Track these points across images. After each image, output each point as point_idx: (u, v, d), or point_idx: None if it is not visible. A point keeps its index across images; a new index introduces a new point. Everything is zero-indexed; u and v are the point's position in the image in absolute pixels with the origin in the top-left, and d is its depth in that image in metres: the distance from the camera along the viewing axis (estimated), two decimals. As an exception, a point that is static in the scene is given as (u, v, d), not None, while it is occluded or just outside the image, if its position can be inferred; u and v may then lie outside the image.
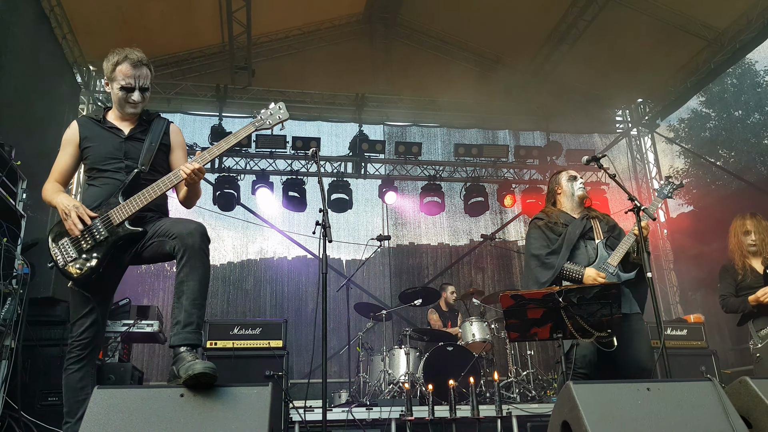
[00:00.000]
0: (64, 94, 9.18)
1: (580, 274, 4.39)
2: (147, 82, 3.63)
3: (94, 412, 2.75)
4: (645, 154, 12.69)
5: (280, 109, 3.72)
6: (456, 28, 11.53)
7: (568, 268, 4.44)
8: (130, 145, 3.64)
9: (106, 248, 3.34)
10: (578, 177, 4.88)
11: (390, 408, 6.24)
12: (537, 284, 4.42)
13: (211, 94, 11.12)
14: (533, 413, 6.30)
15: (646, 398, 3.04)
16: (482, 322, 8.23)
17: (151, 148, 3.65)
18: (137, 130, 3.70)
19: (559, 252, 4.51)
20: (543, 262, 4.52)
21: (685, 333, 7.66)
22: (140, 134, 3.70)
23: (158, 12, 9.50)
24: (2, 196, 4.50)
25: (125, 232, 3.37)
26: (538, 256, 4.57)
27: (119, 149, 3.60)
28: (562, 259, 4.46)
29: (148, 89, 3.66)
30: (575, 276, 4.41)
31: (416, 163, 11.90)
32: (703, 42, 10.33)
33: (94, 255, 3.32)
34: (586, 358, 4.19)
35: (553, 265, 4.46)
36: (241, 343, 6.54)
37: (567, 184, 4.84)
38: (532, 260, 4.60)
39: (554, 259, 4.49)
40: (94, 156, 3.59)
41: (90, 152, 3.60)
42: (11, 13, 7.04)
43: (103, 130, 3.66)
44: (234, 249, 11.48)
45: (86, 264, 3.30)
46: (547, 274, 4.44)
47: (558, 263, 4.45)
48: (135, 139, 3.67)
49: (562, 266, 4.44)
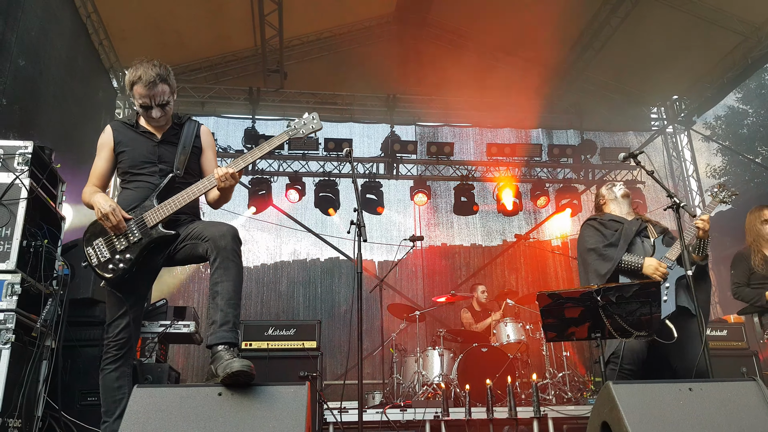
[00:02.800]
0: (101, 98, 9.34)
1: (639, 264, 4.33)
2: (165, 98, 3.62)
3: (133, 411, 2.78)
4: (681, 151, 12.48)
5: (314, 119, 3.80)
6: (487, 27, 11.43)
7: (627, 260, 4.38)
8: (164, 149, 3.70)
9: (139, 250, 3.38)
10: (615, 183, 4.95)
11: (424, 409, 6.22)
12: (597, 276, 4.38)
13: (244, 97, 11.21)
14: (569, 415, 6.22)
15: (689, 399, 2.98)
16: (517, 323, 8.16)
17: (184, 151, 3.70)
18: (170, 133, 3.76)
19: (617, 245, 4.46)
20: (601, 254, 4.48)
21: (725, 333, 7.49)
22: (173, 138, 3.75)
23: (191, 17, 9.61)
24: (43, 199, 4.58)
25: (158, 235, 3.42)
26: (595, 249, 4.53)
27: (153, 153, 3.66)
28: (621, 251, 4.41)
29: (168, 103, 3.65)
30: (635, 266, 4.34)
31: (448, 164, 11.86)
32: (740, 37, 10.12)
33: (128, 256, 3.37)
34: (635, 354, 4.11)
35: (612, 257, 4.41)
36: (275, 343, 6.57)
37: (608, 192, 4.89)
38: (590, 254, 4.56)
39: (612, 251, 4.44)
40: (129, 160, 3.64)
41: (124, 156, 3.65)
42: (50, 21, 7.18)
43: (137, 134, 3.71)
44: (267, 251, 11.55)
45: (119, 264, 3.35)
46: (607, 266, 4.39)
47: (617, 255, 4.40)
48: (168, 142, 3.73)
49: (621, 257, 4.38)
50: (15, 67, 6.17)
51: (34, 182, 4.41)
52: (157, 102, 3.59)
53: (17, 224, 4.20)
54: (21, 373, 4.07)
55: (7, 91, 5.95)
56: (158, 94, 3.58)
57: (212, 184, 3.49)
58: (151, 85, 3.53)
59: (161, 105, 3.61)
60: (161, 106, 3.62)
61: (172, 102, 3.69)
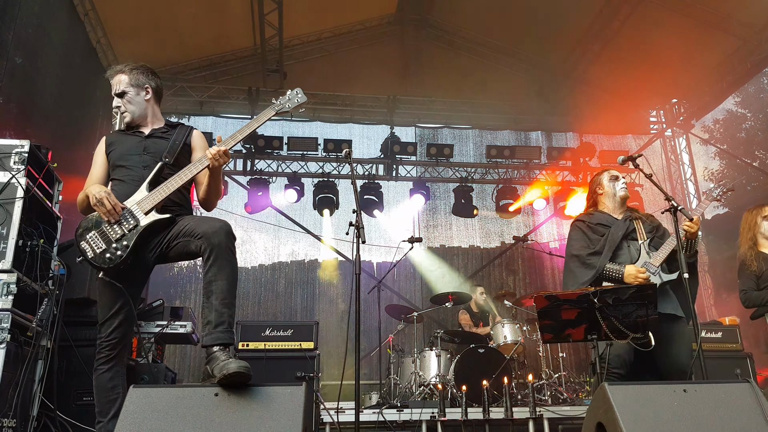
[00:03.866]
0: (98, 97, 9.31)
1: (620, 273, 4.31)
2: (119, 87, 3.76)
3: (129, 411, 2.77)
4: (680, 155, 12.50)
5: (298, 93, 3.78)
6: (487, 29, 11.46)
7: (609, 268, 4.35)
8: (150, 141, 3.72)
9: (135, 237, 3.35)
10: (620, 177, 4.74)
11: (421, 410, 6.21)
12: (577, 284, 4.34)
13: (243, 96, 11.21)
14: (565, 416, 6.23)
15: (683, 400, 2.98)
16: (514, 324, 8.17)
17: (175, 144, 3.72)
18: (159, 131, 3.80)
19: (602, 252, 4.43)
20: (584, 262, 4.44)
21: (720, 335, 7.50)
22: (162, 135, 3.78)
23: (190, 15, 9.60)
24: (39, 198, 4.57)
25: (153, 219, 3.40)
26: (578, 256, 4.49)
27: (139, 145, 3.69)
28: (604, 259, 4.38)
29: (124, 93, 3.76)
30: (616, 275, 4.32)
31: (448, 165, 11.87)
32: (739, 41, 10.13)
33: (124, 243, 3.34)
34: (621, 358, 4.11)
35: (595, 266, 4.38)
36: (272, 344, 6.55)
37: (608, 185, 4.72)
38: (572, 260, 4.52)
39: (596, 259, 4.41)
40: (116, 153, 3.67)
41: (113, 154, 3.69)
42: (47, 18, 7.17)
43: (127, 135, 3.77)
44: (265, 251, 11.55)
45: (117, 252, 3.32)
46: (588, 274, 4.36)
47: (600, 264, 4.37)
48: (156, 137, 3.76)
49: (603, 267, 4.36)
50: (11, 65, 6.16)
51: (30, 181, 4.41)
52: (115, 90, 3.76)
53: (13, 223, 4.19)
54: (16, 373, 4.07)
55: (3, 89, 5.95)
56: (115, 82, 3.77)
57: (203, 164, 3.49)
58: (111, 76, 3.81)
59: (118, 94, 3.75)
60: (118, 95, 3.75)
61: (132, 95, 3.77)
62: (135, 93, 3.77)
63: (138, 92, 3.78)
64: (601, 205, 4.76)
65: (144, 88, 3.80)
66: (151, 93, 3.83)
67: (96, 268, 3.38)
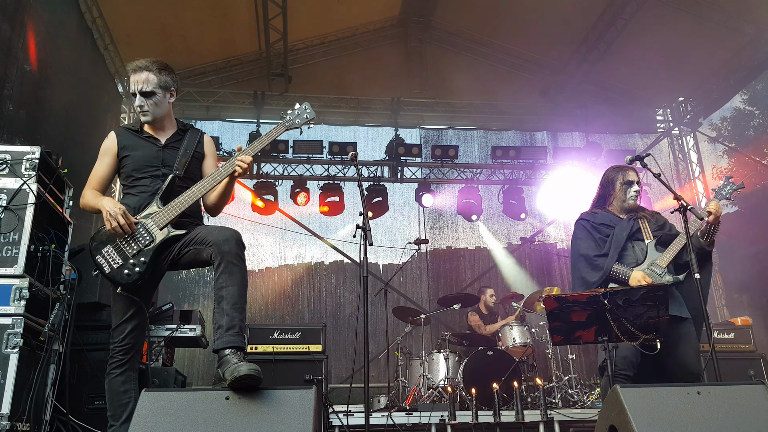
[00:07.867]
0: (106, 103, 9.38)
1: (627, 275, 4.29)
2: (147, 87, 3.62)
3: (141, 415, 2.79)
4: (687, 153, 12.43)
5: (306, 109, 3.79)
6: (491, 30, 11.46)
7: (616, 270, 4.34)
8: (167, 153, 3.71)
9: (153, 252, 3.38)
10: (634, 183, 4.64)
11: (430, 413, 6.21)
12: (585, 285, 4.33)
13: (248, 101, 11.24)
14: (575, 418, 6.22)
15: (696, 402, 2.97)
16: (522, 326, 8.14)
17: (185, 154, 3.71)
18: (173, 139, 3.78)
19: (608, 253, 4.41)
20: (592, 263, 4.42)
21: (732, 336, 7.47)
22: (176, 143, 3.76)
23: (196, 21, 9.64)
24: (50, 204, 4.59)
25: (170, 234, 3.42)
26: (586, 257, 4.47)
27: (157, 157, 3.67)
28: (611, 260, 4.36)
29: (153, 93, 3.64)
30: (622, 278, 4.31)
31: (453, 167, 11.85)
32: (746, 38, 10.09)
33: (142, 259, 3.37)
34: (628, 360, 4.09)
35: (602, 267, 4.36)
36: (281, 347, 6.57)
37: (620, 188, 4.66)
38: (581, 260, 4.50)
39: (603, 261, 4.39)
40: (133, 163, 3.64)
41: (128, 160, 3.65)
42: (56, 27, 7.22)
43: (141, 139, 3.72)
44: (272, 254, 11.57)
45: (135, 269, 3.35)
46: (596, 275, 4.35)
47: (607, 265, 4.36)
48: (171, 147, 3.74)
49: (611, 268, 4.35)
50: (21, 72, 6.20)
51: (41, 187, 4.43)
52: (139, 88, 3.62)
53: (25, 229, 4.22)
54: (29, 377, 4.09)
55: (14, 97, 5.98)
56: (141, 80, 3.62)
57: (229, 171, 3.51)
58: (137, 69, 3.65)
59: (143, 93, 3.62)
60: (143, 94, 3.63)
61: (160, 97, 3.68)
62: (162, 95, 3.70)
63: (165, 95, 3.72)
64: (607, 203, 4.74)
65: (170, 91, 3.76)
66: (174, 95, 3.82)
67: (115, 284, 3.40)
